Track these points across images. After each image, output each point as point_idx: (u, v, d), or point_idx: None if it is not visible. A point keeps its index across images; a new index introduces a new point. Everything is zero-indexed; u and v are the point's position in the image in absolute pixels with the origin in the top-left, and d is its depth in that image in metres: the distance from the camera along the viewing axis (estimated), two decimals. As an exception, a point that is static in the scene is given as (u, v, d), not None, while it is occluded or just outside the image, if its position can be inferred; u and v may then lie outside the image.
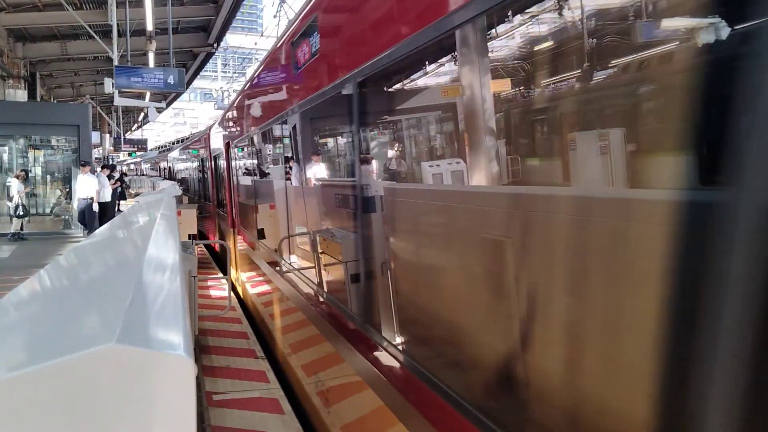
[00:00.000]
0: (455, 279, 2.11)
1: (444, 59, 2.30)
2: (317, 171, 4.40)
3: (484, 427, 1.70)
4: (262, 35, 46.81)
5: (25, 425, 0.94)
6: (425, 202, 2.37)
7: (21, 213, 14.73)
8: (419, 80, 2.64)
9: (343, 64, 2.74)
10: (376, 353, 2.35)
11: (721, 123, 1.04)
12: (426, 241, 2.34)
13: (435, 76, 2.48)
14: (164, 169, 33.09)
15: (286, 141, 4.83)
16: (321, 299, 3.62)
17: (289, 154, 4.87)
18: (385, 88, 2.75)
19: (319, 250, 3.49)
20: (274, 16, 41.68)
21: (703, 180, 1.21)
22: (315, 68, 3.20)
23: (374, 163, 2.92)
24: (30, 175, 17.45)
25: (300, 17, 3.81)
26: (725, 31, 1.17)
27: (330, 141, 4.52)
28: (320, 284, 3.67)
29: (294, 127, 4.29)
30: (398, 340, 2.29)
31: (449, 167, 2.30)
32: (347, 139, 3.36)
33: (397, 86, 2.73)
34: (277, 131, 5.19)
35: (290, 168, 4.75)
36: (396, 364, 2.22)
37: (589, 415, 1.54)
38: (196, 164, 17.63)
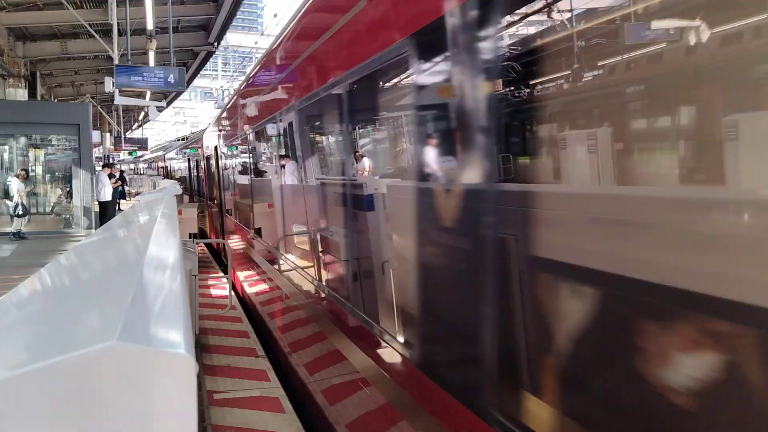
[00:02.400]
0: None
1: None
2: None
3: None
4: (262, 34, 46.82)
5: (27, 423, 0.95)
6: None
7: (20, 212, 14.66)
8: None
9: None
10: None
11: None
12: None
13: None
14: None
15: None
16: None
17: None
18: None
19: None
20: (275, 15, 41.68)
21: None
22: None
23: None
24: (31, 174, 17.45)
25: None
26: None
27: None
28: None
29: None
30: None
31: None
32: None
33: None
34: None
35: None
36: None
37: None
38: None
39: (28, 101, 18.17)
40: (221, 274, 10.70)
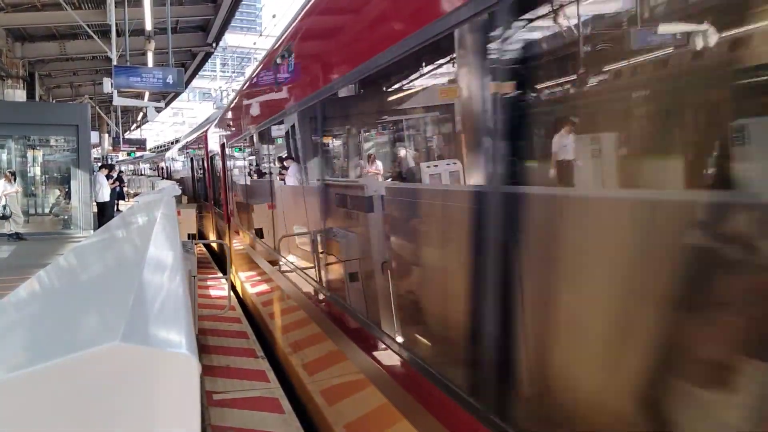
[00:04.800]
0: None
1: None
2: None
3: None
4: (261, 35, 46.83)
5: (30, 423, 0.95)
6: None
7: (3, 214, 14.42)
8: None
9: None
10: None
11: None
12: None
13: None
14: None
15: None
16: None
17: None
18: None
19: None
20: (273, 16, 41.72)
21: None
22: None
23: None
24: (29, 175, 17.42)
25: None
26: None
27: None
28: None
29: None
30: None
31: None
32: None
33: None
34: None
35: None
36: None
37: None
38: None
39: (27, 102, 18.16)
40: (220, 274, 10.71)
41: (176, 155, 24.08)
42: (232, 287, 7.93)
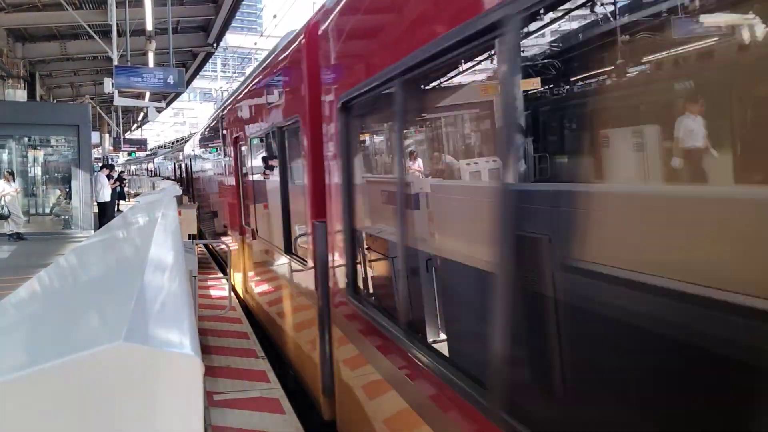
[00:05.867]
0: None
1: None
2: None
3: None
4: (261, 35, 46.86)
5: (34, 422, 0.95)
6: None
7: (2, 214, 14.41)
8: None
9: None
10: None
11: None
12: None
13: None
14: None
15: None
16: None
17: None
18: None
19: None
20: (274, 16, 41.72)
21: None
22: None
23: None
24: (29, 175, 17.42)
25: None
26: None
27: None
28: None
29: None
30: None
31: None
32: None
33: None
34: None
35: None
36: None
37: None
38: None
39: (27, 102, 18.16)
40: (220, 274, 10.70)
41: (199, 150, 14.54)
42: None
